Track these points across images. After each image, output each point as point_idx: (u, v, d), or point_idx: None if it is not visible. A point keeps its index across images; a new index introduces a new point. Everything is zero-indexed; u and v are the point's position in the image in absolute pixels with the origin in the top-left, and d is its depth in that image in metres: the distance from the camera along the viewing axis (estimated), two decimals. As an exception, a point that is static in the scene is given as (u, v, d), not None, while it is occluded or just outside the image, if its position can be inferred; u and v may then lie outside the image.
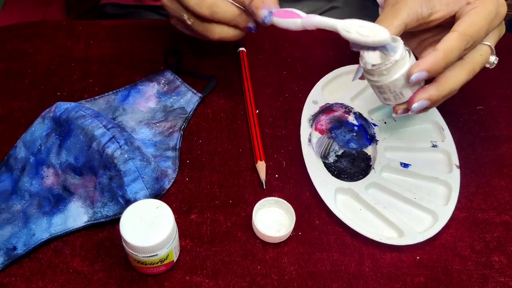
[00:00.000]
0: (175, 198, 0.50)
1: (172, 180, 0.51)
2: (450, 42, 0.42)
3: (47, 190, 0.48)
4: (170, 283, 0.45)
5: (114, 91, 0.58)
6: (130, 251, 0.42)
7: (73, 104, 0.50)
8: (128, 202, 0.47)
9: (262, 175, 0.52)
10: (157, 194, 0.49)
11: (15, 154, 0.50)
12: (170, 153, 0.53)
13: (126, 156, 0.47)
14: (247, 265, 0.47)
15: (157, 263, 0.43)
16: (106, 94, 0.57)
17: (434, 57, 0.42)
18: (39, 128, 0.50)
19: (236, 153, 0.54)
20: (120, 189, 0.48)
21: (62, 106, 0.50)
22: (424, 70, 0.42)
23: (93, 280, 0.45)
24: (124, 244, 0.42)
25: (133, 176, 0.48)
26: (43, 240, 0.46)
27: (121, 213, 0.47)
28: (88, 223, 0.47)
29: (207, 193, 0.51)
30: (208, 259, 0.47)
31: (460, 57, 0.43)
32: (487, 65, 0.47)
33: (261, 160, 0.53)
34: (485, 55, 0.45)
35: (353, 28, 0.40)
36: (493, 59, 0.47)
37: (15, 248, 0.45)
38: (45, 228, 0.47)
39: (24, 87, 0.58)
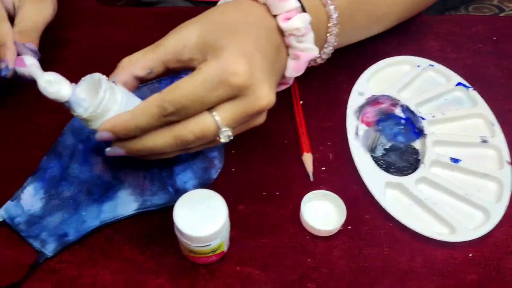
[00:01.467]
0: (222, 189, 0.50)
1: (219, 170, 0.51)
2: (142, 105, 0.39)
3: (96, 177, 0.48)
4: (221, 272, 0.45)
5: (158, 79, 0.57)
6: (184, 240, 0.42)
7: (121, 92, 0.50)
8: (177, 191, 0.47)
9: (309, 167, 0.51)
10: (205, 184, 0.49)
11: (63, 141, 0.50)
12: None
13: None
14: (297, 258, 0.46)
15: (209, 253, 0.43)
16: (150, 82, 0.57)
17: (120, 117, 0.39)
18: (88, 115, 0.51)
19: (282, 145, 0.54)
20: (170, 179, 0.47)
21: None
22: (107, 130, 0.40)
23: (144, 268, 0.45)
24: (178, 233, 0.42)
25: (183, 166, 0.47)
26: (93, 227, 0.46)
27: (170, 202, 0.47)
28: (138, 211, 0.47)
29: (254, 184, 0.51)
30: (257, 251, 0.47)
31: (169, 122, 0.39)
32: (221, 139, 0.40)
33: (307, 152, 0.52)
34: (203, 126, 0.39)
35: (43, 83, 0.40)
36: (224, 132, 0.39)
37: (66, 235, 0.46)
38: (95, 215, 0.47)
39: (70, 75, 0.57)
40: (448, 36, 0.63)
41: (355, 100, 0.55)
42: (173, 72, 0.44)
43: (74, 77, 0.58)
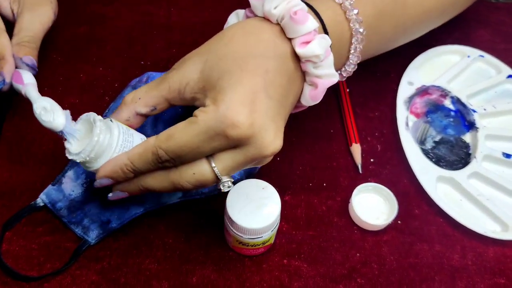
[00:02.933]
0: (267, 178, 0.48)
1: (264, 159, 0.49)
2: (138, 150, 0.37)
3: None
4: (268, 265, 0.44)
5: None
6: (234, 231, 0.40)
7: (166, 74, 0.48)
8: (223, 180, 0.46)
9: (358, 158, 0.50)
10: (250, 173, 0.47)
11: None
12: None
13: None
14: (345, 251, 0.45)
15: (259, 245, 0.42)
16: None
17: (117, 162, 0.37)
18: (130, 98, 0.49)
19: (327, 134, 0.52)
20: (216, 167, 0.46)
21: (157, 76, 0.48)
22: (106, 177, 0.38)
23: (189, 258, 0.44)
24: (228, 224, 0.41)
25: (229, 154, 0.46)
26: (137, 214, 0.45)
27: (215, 190, 0.46)
28: (183, 199, 0.46)
29: (300, 174, 0.49)
30: (304, 243, 0.45)
31: (166, 167, 0.37)
32: (221, 189, 0.37)
33: (356, 143, 0.50)
34: (199, 176, 0.36)
35: (38, 109, 0.38)
36: (224, 182, 0.37)
37: (109, 222, 0.44)
38: (139, 202, 0.45)
39: (107, 54, 0.55)
40: (499, 26, 0.60)
41: (404, 89, 0.53)
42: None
43: (108, 58, 0.57)
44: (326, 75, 0.39)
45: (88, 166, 0.38)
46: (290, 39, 0.38)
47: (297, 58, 0.38)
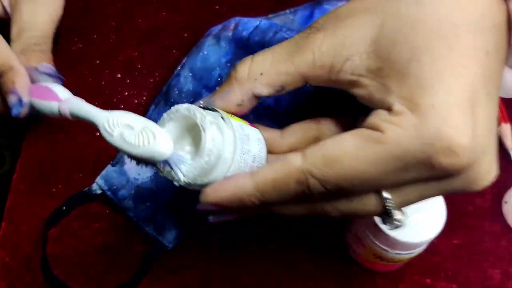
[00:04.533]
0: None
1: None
2: (273, 174, 0.23)
3: (226, 139, 0.35)
4: (405, 285, 0.33)
5: (292, 9, 0.42)
6: (378, 244, 0.29)
7: (264, 21, 0.36)
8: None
9: (509, 142, 0.38)
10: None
11: (179, 84, 0.36)
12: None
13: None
14: (504, 267, 0.34)
15: (402, 261, 0.31)
16: (282, 12, 0.42)
17: (235, 190, 0.23)
18: (214, 51, 0.36)
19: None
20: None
21: (249, 24, 0.36)
22: (217, 204, 0.24)
23: (301, 270, 0.32)
24: (367, 233, 0.29)
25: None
26: (227, 209, 0.33)
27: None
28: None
29: (433, 161, 0.38)
30: (449, 256, 0.34)
31: (311, 199, 0.24)
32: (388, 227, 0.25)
33: (505, 122, 0.38)
34: (359, 206, 0.24)
35: (117, 128, 0.24)
36: (393, 221, 0.24)
37: (191, 218, 0.33)
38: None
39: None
40: None
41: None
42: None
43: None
44: None
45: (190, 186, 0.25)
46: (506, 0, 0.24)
47: (510, 26, 0.24)
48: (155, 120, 0.26)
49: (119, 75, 0.39)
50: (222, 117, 0.24)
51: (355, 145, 0.22)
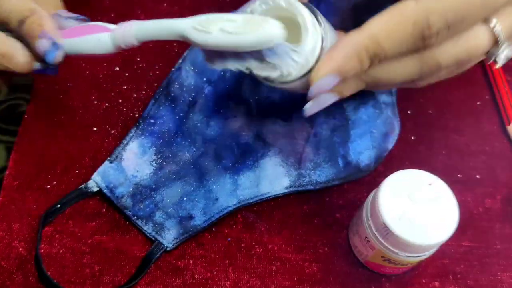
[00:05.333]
0: (400, 164, 0.36)
1: (396, 138, 0.36)
2: (390, 19, 0.23)
3: (230, 136, 0.34)
4: (414, 289, 0.32)
5: None
6: (387, 245, 0.28)
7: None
8: (348, 165, 0.33)
9: (520, 142, 0.37)
10: (380, 156, 0.34)
11: (180, 79, 0.35)
12: (385, 98, 0.37)
13: (357, 100, 0.32)
14: (516, 272, 0.33)
15: (411, 263, 0.30)
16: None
17: (350, 48, 0.23)
18: (218, 44, 0.35)
19: (475, 108, 0.39)
20: (343, 146, 0.33)
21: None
22: (334, 71, 0.23)
23: (305, 274, 0.31)
24: (376, 233, 0.28)
25: (362, 129, 0.33)
26: (229, 209, 0.32)
27: (334, 180, 0.33)
28: (290, 190, 0.33)
29: (443, 160, 0.36)
30: (460, 259, 0.33)
31: (422, 47, 0.24)
32: (497, 62, 0.26)
33: (516, 121, 0.37)
34: (470, 42, 0.25)
35: (214, 25, 0.23)
36: (503, 50, 0.25)
37: (191, 217, 0.31)
38: (230, 191, 0.32)
39: None
40: None
41: None
42: None
43: None
44: None
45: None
46: None
47: None
48: (155, 116, 0.24)
49: (117, 68, 0.38)
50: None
51: None
